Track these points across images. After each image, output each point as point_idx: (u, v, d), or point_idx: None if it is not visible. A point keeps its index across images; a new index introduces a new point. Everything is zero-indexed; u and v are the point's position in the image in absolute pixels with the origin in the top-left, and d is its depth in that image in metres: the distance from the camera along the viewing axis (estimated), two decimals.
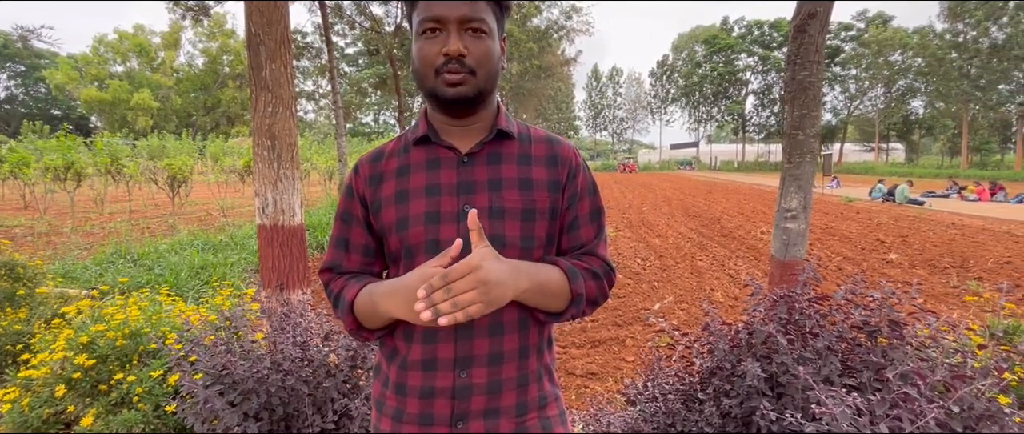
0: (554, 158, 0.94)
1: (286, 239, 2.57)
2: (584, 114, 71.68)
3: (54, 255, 6.23)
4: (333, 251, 0.98)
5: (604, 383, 3.60)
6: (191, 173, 12.59)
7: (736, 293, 5.83)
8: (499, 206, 0.88)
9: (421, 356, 0.87)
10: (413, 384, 0.88)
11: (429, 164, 0.91)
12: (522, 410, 0.90)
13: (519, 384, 0.90)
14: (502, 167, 0.91)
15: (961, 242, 8.77)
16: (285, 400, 1.82)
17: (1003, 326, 2.00)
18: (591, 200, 0.97)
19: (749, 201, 16.84)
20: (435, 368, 0.87)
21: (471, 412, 0.87)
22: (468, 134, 0.92)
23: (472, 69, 0.84)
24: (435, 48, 0.83)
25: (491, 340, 0.87)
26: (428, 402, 0.87)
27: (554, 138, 0.97)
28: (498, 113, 0.95)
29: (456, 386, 0.86)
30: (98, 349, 2.06)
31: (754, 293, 1.70)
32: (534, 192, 0.90)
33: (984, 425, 1.21)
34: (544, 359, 0.95)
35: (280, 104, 2.56)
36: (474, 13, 0.83)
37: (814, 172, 2.41)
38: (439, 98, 0.86)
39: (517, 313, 0.88)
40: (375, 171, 0.94)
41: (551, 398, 0.96)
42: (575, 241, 0.95)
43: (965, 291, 5.78)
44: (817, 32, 2.22)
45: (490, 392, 0.87)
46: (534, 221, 0.89)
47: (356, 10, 14.14)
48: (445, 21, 0.83)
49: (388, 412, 0.92)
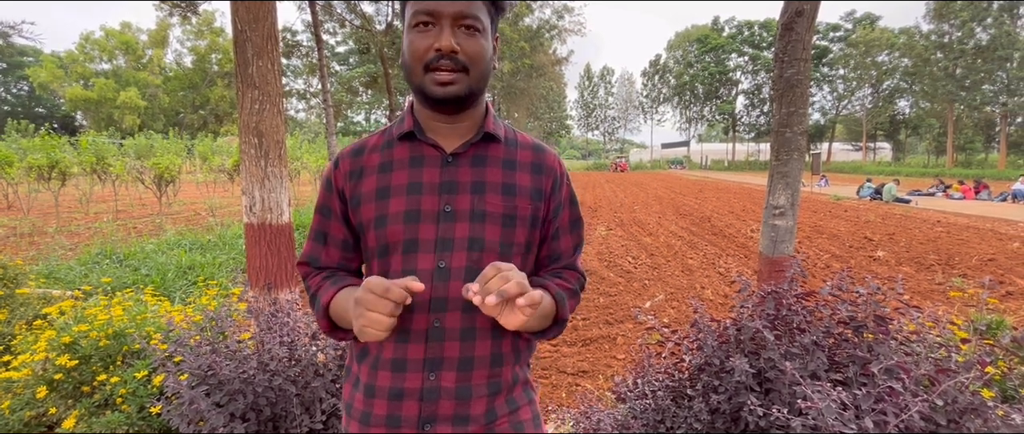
0: (539, 166, 0.93)
1: (274, 238, 2.54)
2: (576, 113, 71.84)
3: (37, 256, 6.13)
4: (311, 244, 0.97)
5: (595, 381, 3.61)
6: (179, 172, 12.43)
7: (726, 291, 5.87)
8: (481, 209, 0.87)
9: (392, 355, 0.86)
10: (382, 385, 0.86)
11: (412, 162, 0.89)
12: (491, 417, 0.88)
13: (489, 392, 0.88)
14: (486, 170, 0.89)
15: (946, 240, 8.90)
16: (272, 400, 1.80)
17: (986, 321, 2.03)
18: (571, 210, 0.97)
19: (739, 200, 16.98)
20: (405, 369, 0.85)
21: (439, 416, 0.85)
22: (454, 133, 0.91)
23: (464, 66, 0.82)
24: (426, 42, 0.81)
25: (462, 344, 0.85)
26: (396, 404, 0.85)
27: (540, 146, 0.96)
28: (486, 114, 0.93)
29: (424, 388, 0.85)
30: (81, 350, 2.02)
31: (742, 289, 1.71)
32: (516, 198, 0.89)
33: (967, 418, 1.23)
34: (517, 369, 0.93)
35: (267, 101, 2.53)
36: (469, 10, 0.81)
37: (802, 169, 2.43)
38: (428, 95, 0.84)
39: (490, 320, 0.84)
40: (356, 166, 0.91)
41: (523, 402, 0.94)
42: (554, 251, 0.96)
43: (950, 287, 5.87)
44: (804, 30, 2.24)
45: (458, 397, 0.85)
46: (514, 227, 0.88)
47: (346, 8, 14.04)
48: (439, 16, 0.81)
49: (355, 415, 0.90)
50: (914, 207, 14.49)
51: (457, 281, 0.84)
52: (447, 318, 0.84)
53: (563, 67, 30.92)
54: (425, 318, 0.84)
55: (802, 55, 2.29)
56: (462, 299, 0.79)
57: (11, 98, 50.72)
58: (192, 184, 19.62)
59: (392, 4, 14.14)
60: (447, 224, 0.85)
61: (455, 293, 0.83)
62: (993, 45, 33.15)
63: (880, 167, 40.20)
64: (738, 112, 54.94)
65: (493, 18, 0.88)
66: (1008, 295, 5.61)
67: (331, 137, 12.13)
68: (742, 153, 56.96)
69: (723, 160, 54.85)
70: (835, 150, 52.92)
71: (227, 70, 43.44)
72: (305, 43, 15.76)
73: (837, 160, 49.71)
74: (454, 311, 0.84)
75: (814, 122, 49.77)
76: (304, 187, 19.17)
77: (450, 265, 0.84)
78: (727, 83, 54.49)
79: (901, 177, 24.89)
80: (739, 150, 56.84)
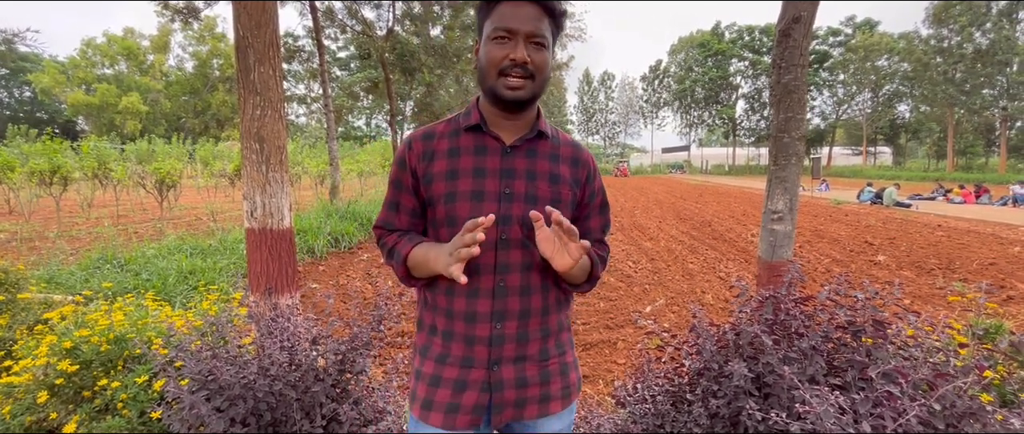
0: (577, 160, 1.15)
1: (275, 242, 2.55)
2: (576, 118, 71.89)
3: (39, 261, 6.13)
4: (386, 212, 1.16)
5: (595, 386, 3.60)
6: (180, 177, 12.45)
7: (726, 295, 5.86)
8: (533, 193, 1.07)
9: (465, 308, 1.07)
10: (458, 331, 1.07)
11: (477, 150, 1.08)
12: (544, 356, 1.12)
13: (542, 336, 1.11)
14: (537, 161, 1.10)
15: (947, 244, 8.89)
16: (272, 405, 1.80)
17: (985, 325, 2.03)
18: (601, 197, 1.21)
19: (739, 204, 16.97)
20: (475, 320, 1.06)
21: (504, 357, 1.08)
22: (513, 128, 1.10)
23: (532, 74, 1.02)
24: (502, 53, 1.00)
25: (521, 299, 1.07)
26: (470, 348, 1.07)
27: (578, 144, 1.19)
28: (538, 116, 1.13)
29: (492, 335, 1.06)
30: (82, 355, 2.03)
31: (740, 294, 1.71)
32: (560, 185, 1.10)
33: (966, 423, 1.23)
34: (561, 316, 1.17)
35: (268, 107, 2.54)
36: (539, 29, 1.01)
37: (800, 174, 2.43)
38: (499, 96, 1.03)
39: (540, 278, 1.09)
40: (428, 148, 1.10)
41: (568, 347, 1.19)
42: (587, 229, 1.19)
43: (951, 292, 5.86)
44: (801, 36, 2.25)
45: (519, 341, 1.08)
46: (559, 208, 1.07)
47: (347, 13, 14.09)
48: (515, 33, 0.99)
49: (432, 355, 1.11)
50: (914, 211, 14.48)
51: (516, 249, 1.06)
52: (508, 278, 1.06)
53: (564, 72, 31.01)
54: (491, 279, 1.06)
55: (799, 61, 2.30)
56: (519, 263, 1.06)
57: (13, 103, 50.87)
58: (193, 189, 19.63)
59: (392, 10, 14.20)
60: (507, 204, 1.06)
61: (515, 258, 1.06)
62: (992, 50, 33.19)
63: (880, 171, 40.17)
64: (738, 116, 54.98)
65: (555, 35, 1.07)
66: (1009, 300, 5.60)
67: (332, 142, 12.16)
68: (742, 157, 56.95)
69: (723, 164, 54.84)
70: (835, 154, 52.90)
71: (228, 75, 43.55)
72: (307, 48, 15.82)
73: (837, 164, 49.67)
74: (514, 272, 1.06)
75: (814, 127, 49.81)
76: (305, 192, 19.16)
77: (510, 236, 1.06)
78: (728, 87, 54.55)
79: (901, 181, 24.89)
80: (739, 154, 56.84)
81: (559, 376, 1.14)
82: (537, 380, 1.11)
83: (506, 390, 1.08)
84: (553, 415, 1.14)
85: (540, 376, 1.11)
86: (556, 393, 1.13)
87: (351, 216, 9.96)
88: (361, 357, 2.03)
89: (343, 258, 8.03)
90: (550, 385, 1.13)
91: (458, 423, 1.06)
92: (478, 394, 1.07)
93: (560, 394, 1.14)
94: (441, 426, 1.07)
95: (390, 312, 2.12)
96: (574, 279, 1.10)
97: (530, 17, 1.00)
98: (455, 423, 1.06)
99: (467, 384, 1.07)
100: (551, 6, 1.02)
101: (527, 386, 1.09)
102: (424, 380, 1.11)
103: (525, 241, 1.06)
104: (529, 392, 1.10)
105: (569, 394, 1.16)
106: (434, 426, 1.08)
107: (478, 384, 1.07)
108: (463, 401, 1.07)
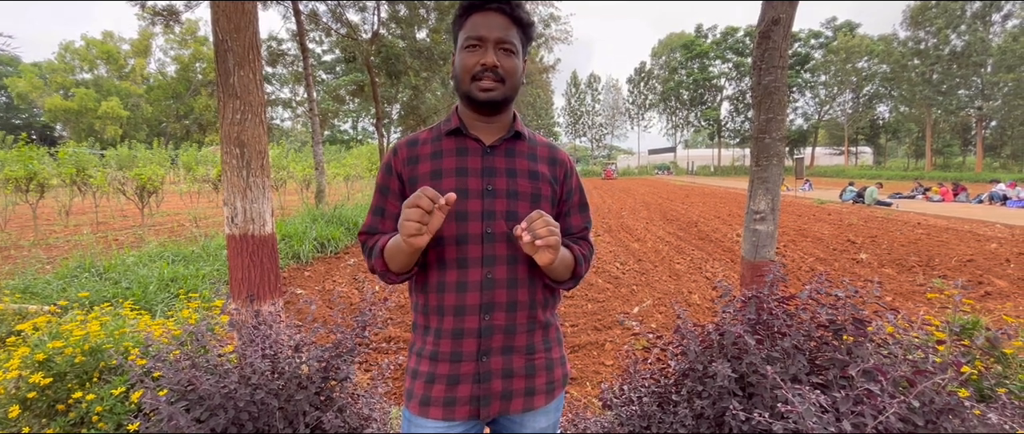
0: (553, 159, 1.21)
1: (256, 249, 2.51)
2: (563, 120, 72.14)
3: (13, 270, 5.97)
4: (371, 218, 1.20)
5: (583, 388, 3.60)
6: (162, 183, 12.22)
7: (713, 295, 5.91)
8: (514, 189, 1.13)
9: (454, 302, 1.10)
10: (448, 328, 1.11)
11: (459, 151, 1.14)
12: (531, 350, 1.16)
13: (529, 329, 1.15)
14: (516, 159, 1.16)
15: (927, 241, 9.07)
16: (254, 415, 1.76)
17: (962, 322, 2.07)
18: (580, 195, 1.27)
19: (725, 204, 17.16)
20: (465, 313, 1.10)
21: (492, 348, 1.11)
22: (491, 130, 1.16)
23: (502, 78, 1.08)
24: (474, 59, 1.07)
25: (508, 291, 1.11)
26: (458, 342, 1.11)
27: (553, 144, 1.25)
28: (514, 119, 1.20)
29: (481, 327, 1.10)
30: (55, 366, 1.97)
31: (723, 294, 1.72)
32: (539, 182, 1.16)
33: (944, 418, 1.24)
34: (549, 313, 1.21)
35: (249, 111, 2.51)
36: (507, 37, 1.08)
37: (781, 175, 2.46)
38: (473, 99, 1.10)
39: (527, 272, 1.13)
40: (412, 153, 1.16)
41: (555, 342, 1.23)
42: (568, 226, 1.23)
43: (930, 289, 5.97)
44: (780, 38, 2.28)
45: (507, 332, 1.12)
46: (539, 204, 1.14)
47: (332, 16, 13.98)
48: (485, 40, 1.07)
49: (426, 354, 1.15)
50: (895, 210, 14.77)
51: (501, 243, 1.10)
52: (495, 271, 1.10)
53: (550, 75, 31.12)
54: (479, 271, 1.10)
55: (779, 62, 2.33)
56: (505, 255, 1.10)
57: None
58: (176, 195, 19.29)
59: (378, 13, 14.14)
60: (490, 200, 1.11)
61: (501, 251, 1.10)
62: (968, 51, 34.04)
63: (862, 171, 40.93)
64: (723, 118, 55.63)
65: (524, 44, 1.14)
66: (986, 295, 5.73)
67: (317, 146, 12.04)
68: (727, 158, 57.64)
69: (709, 165, 55.47)
70: (818, 154, 53.79)
71: (211, 79, 42.95)
72: (291, 52, 15.66)
73: (820, 164, 50.53)
74: (501, 265, 1.10)
75: (797, 127, 50.56)
76: (290, 196, 18.93)
77: (495, 230, 1.10)
78: (712, 89, 55.16)
79: (883, 180, 25.37)
80: (725, 155, 57.53)
81: (544, 370, 1.18)
82: (523, 372, 1.15)
83: (494, 380, 1.12)
84: (537, 409, 1.18)
85: (526, 368, 1.15)
86: (540, 387, 1.17)
87: (337, 220, 9.86)
88: (346, 364, 2.00)
89: (329, 263, 7.95)
90: (536, 378, 1.16)
91: (457, 415, 1.11)
92: (471, 386, 1.11)
93: (544, 388, 1.18)
94: (441, 418, 1.12)
95: (375, 317, 2.09)
96: (558, 275, 1.13)
97: (499, 25, 1.07)
98: (454, 415, 1.11)
99: (460, 378, 1.12)
100: (518, 16, 1.09)
101: (512, 377, 1.13)
102: (420, 378, 1.15)
103: (510, 235, 1.10)
104: (515, 384, 1.14)
105: (553, 389, 1.20)
106: (434, 420, 1.12)
107: (470, 377, 1.11)
108: (458, 394, 1.11)
